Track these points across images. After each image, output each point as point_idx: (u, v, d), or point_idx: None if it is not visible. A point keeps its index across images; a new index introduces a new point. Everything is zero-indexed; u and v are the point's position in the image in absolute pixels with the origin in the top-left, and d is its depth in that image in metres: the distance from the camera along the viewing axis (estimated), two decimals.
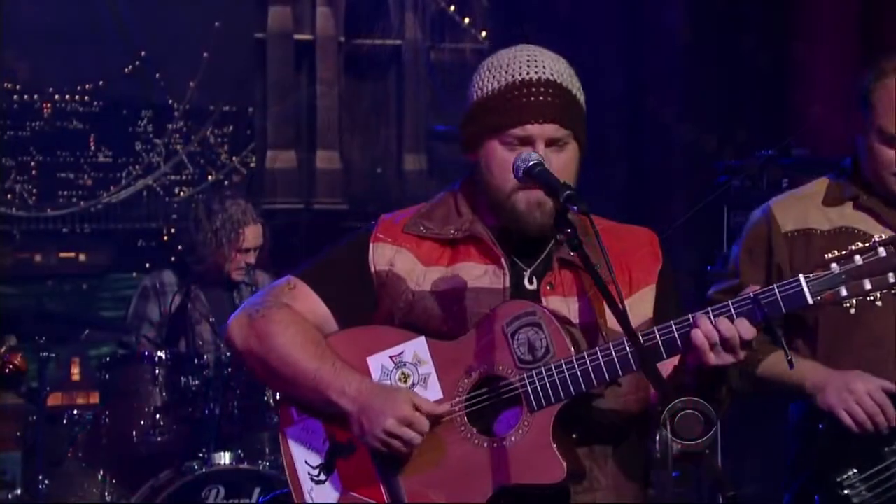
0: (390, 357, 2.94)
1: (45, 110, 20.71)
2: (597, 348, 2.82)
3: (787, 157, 5.69)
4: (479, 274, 2.98)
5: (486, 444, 2.84)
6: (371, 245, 3.05)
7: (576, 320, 2.94)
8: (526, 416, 2.83)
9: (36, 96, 20.03)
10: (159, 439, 5.62)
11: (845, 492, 3.42)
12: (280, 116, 20.50)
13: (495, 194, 2.95)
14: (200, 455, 5.57)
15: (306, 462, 2.99)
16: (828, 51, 6.33)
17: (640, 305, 3.01)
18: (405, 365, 2.93)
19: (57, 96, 20.72)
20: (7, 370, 4.42)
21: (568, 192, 2.74)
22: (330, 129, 20.72)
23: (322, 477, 2.97)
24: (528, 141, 2.92)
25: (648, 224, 6.93)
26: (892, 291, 2.77)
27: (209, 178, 21.21)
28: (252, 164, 20.94)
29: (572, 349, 2.83)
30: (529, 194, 2.92)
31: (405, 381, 2.92)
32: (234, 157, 21.35)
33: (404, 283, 3.01)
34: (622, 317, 2.68)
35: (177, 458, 5.59)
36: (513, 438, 2.82)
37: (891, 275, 2.73)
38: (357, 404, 2.88)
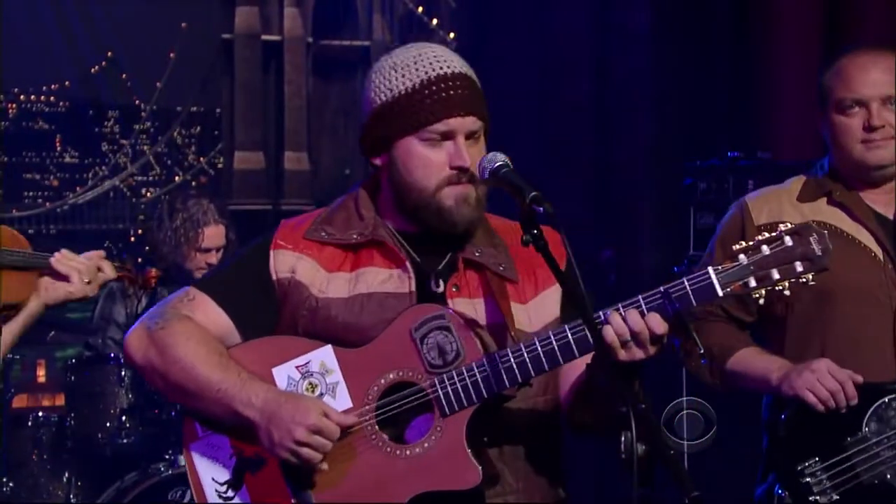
0: (296, 367, 2.86)
1: (11, 111, 20.61)
2: (508, 349, 2.76)
3: (752, 159, 5.73)
4: (384, 278, 2.90)
5: (398, 452, 2.78)
6: (271, 252, 2.95)
7: (483, 322, 2.87)
8: (438, 422, 2.77)
9: (1, 97, 19.94)
10: (125, 441, 5.59)
11: (806, 480, 3.44)
12: (248, 117, 20.47)
13: (418, 195, 2.88)
14: (167, 457, 5.53)
15: (213, 479, 2.89)
16: (793, 54, 6.36)
17: (547, 306, 2.95)
18: (312, 375, 2.85)
19: (22, 97, 20.62)
20: (153, 282, 4.32)
21: (533, 193, 2.68)
22: (298, 130, 20.72)
23: (230, 493, 2.87)
24: (449, 135, 2.86)
25: (615, 225, 6.98)
26: (801, 280, 2.76)
27: (176, 179, 21.15)
28: (220, 165, 20.90)
29: (482, 351, 2.78)
30: (456, 190, 2.86)
31: (312, 391, 2.84)
32: (201, 158, 21.31)
33: (307, 290, 2.91)
34: (583, 310, 2.65)
35: (143, 460, 5.55)
36: (426, 444, 2.77)
37: (798, 264, 2.73)
38: (264, 415, 2.79)
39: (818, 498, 3.44)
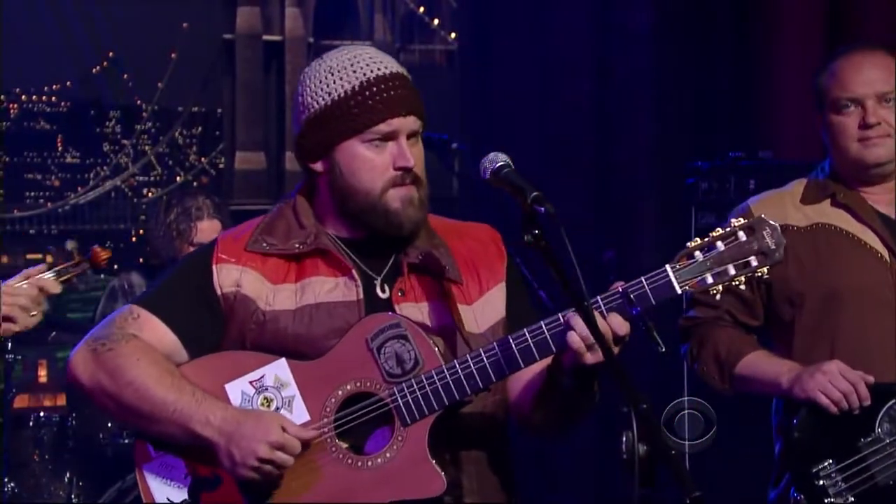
0: (250, 382, 2.82)
1: (12, 111, 20.61)
2: (467, 355, 2.75)
3: (754, 159, 5.73)
4: (330, 287, 2.87)
5: (360, 463, 2.76)
6: (214, 267, 2.90)
7: (432, 325, 2.85)
8: (399, 431, 2.75)
9: (2, 97, 19.93)
10: (126, 441, 5.59)
11: (821, 482, 3.44)
12: (249, 118, 20.47)
13: (363, 198, 2.85)
14: None
15: (168, 499, 2.84)
16: (795, 53, 6.36)
17: (492, 306, 2.93)
18: (267, 389, 2.81)
19: (24, 97, 20.62)
20: (104, 263, 4.13)
21: (535, 193, 2.67)
22: None
23: None
24: (392, 136, 2.83)
25: (616, 225, 6.97)
26: (757, 275, 2.76)
27: (178, 179, 21.16)
28: (221, 165, 20.91)
29: (441, 359, 2.76)
30: (402, 191, 2.84)
31: (268, 406, 2.80)
32: (202, 158, 21.31)
33: (254, 303, 2.86)
34: (587, 313, 2.62)
35: None
36: (388, 454, 2.75)
37: (752, 258, 2.73)
38: (224, 434, 2.75)
39: (834, 500, 3.44)
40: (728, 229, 2.75)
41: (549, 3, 7.07)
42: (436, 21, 20.79)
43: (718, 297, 2.79)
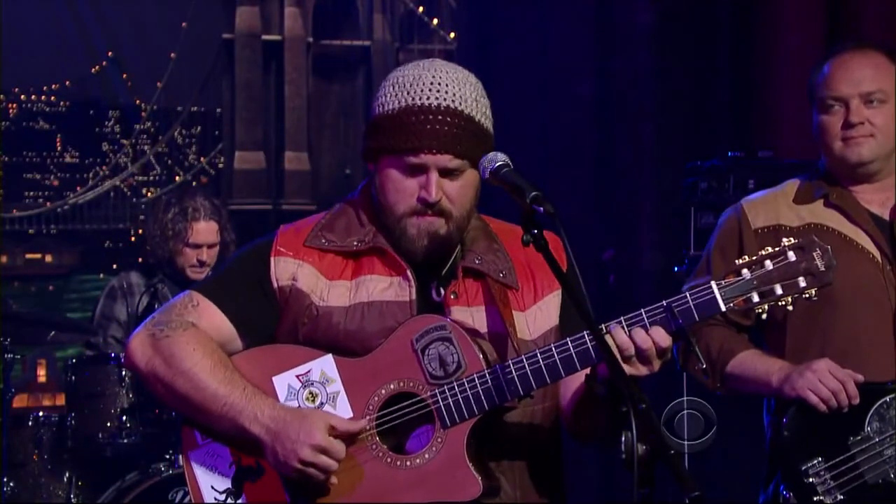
0: (297, 376, 2.84)
1: (11, 110, 20.62)
2: (509, 361, 2.75)
3: (753, 158, 5.74)
4: (384, 287, 2.88)
5: (399, 463, 2.77)
6: (272, 259, 2.93)
7: (483, 330, 2.86)
8: (439, 433, 2.76)
9: (1, 96, 19.94)
10: (126, 441, 5.58)
11: (810, 480, 3.46)
12: (248, 117, 20.49)
13: (387, 214, 2.89)
14: (167, 457, 5.52)
15: (212, 487, 2.87)
16: (795, 53, 6.35)
17: (546, 313, 2.93)
18: (312, 384, 2.83)
19: (23, 96, 20.63)
20: None
21: (534, 192, 2.65)
22: (298, 130, 20.75)
23: (229, 501, 2.85)
24: (421, 168, 2.83)
25: (616, 225, 6.97)
26: (805, 296, 2.74)
27: (177, 178, 21.19)
28: (220, 165, 20.93)
29: (484, 363, 2.76)
30: (421, 221, 2.86)
31: (313, 401, 2.82)
32: (202, 158, 21.34)
33: (308, 298, 2.89)
34: (586, 318, 2.61)
35: (143, 460, 5.54)
36: (426, 456, 2.76)
37: (801, 279, 2.72)
38: (270, 432, 2.78)
39: (823, 498, 3.45)
40: (778, 248, 2.73)
41: (549, 3, 7.06)
42: (435, 21, 20.81)
43: (764, 316, 2.78)
